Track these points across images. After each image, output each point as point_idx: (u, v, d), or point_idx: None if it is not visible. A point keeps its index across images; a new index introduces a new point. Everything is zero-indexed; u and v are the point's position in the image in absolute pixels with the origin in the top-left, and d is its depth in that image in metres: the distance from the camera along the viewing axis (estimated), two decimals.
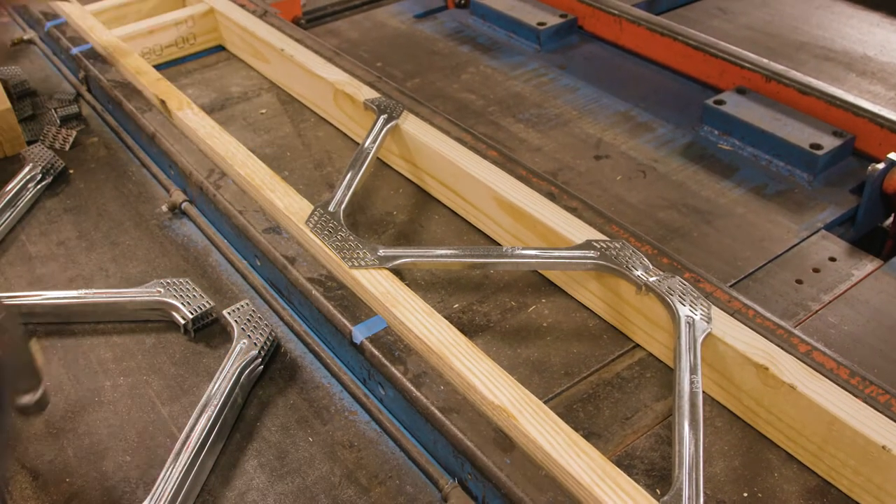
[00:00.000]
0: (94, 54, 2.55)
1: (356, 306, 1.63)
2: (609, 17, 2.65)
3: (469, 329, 1.71)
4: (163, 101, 2.24)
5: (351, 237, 1.73)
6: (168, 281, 1.79)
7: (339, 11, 3.02)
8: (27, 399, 1.63)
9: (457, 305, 1.77)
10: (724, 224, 2.01)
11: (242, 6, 2.67)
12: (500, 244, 1.92)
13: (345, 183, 1.88)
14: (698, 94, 2.45)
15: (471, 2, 2.89)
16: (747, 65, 2.36)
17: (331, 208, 1.81)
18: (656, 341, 1.65)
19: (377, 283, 1.63)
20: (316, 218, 1.78)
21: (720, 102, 2.28)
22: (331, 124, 2.34)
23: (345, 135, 2.30)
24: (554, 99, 2.45)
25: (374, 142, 2.00)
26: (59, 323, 1.80)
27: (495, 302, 1.78)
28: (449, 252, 1.70)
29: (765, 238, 1.97)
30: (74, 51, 2.57)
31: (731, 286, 1.79)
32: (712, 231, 1.99)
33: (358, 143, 2.25)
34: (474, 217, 1.96)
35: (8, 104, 2.31)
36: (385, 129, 2.04)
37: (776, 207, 2.06)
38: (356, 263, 1.67)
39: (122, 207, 2.12)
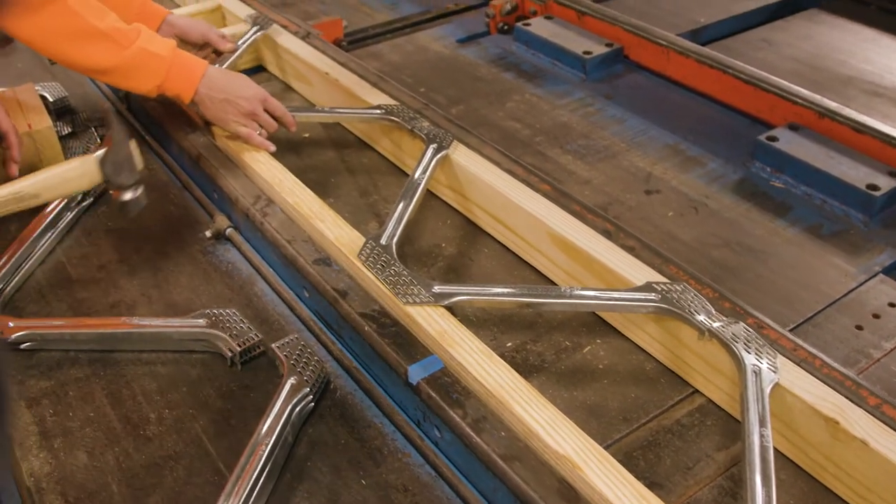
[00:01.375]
0: None
1: (411, 345, 1.58)
2: (656, 48, 2.61)
3: (523, 369, 1.66)
4: (207, 123, 2.20)
5: (404, 272, 1.69)
6: (215, 311, 1.75)
7: (380, 34, 2.98)
8: (128, 195, 1.82)
9: (510, 344, 1.73)
10: (779, 265, 1.96)
11: (284, 27, 2.64)
12: (552, 281, 1.87)
13: (396, 215, 1.83)
14: (747, 128, 2.41)
15: (514, 28, 2.85)
16: (799, 100, 2.32)
17: (383, 241, 1.77)
18: (717, 388, 1.60)
19: (433, 322, 1.59)
20: (368, 251, 1.74)
21: (773, 139, 2.24)
22: (374, 150, 2.31)
23: (390, 161, 2.26)
24: (601, 130, 2.41)
25: (424, 172, 1.96)
26: (102, 351, 1.76)
27: (549, 342, 1.74)
28: (506, 291, 1.66)
29: (821, 281, 1.92)
30: None
31: (790, 330, 1.74)
32: (767, 272, 1.95)
33: (403, 170, 2.22)
34: (525, 252, 1.92)
35: (49, 122, 2.28)
36: (435, 160, 2.00)
37: (832, 249, 2.01)
38: (410, 300, 1.63)
39: (163, 231, 2.08)
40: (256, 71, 2.70)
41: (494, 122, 2.44)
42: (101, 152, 1.82)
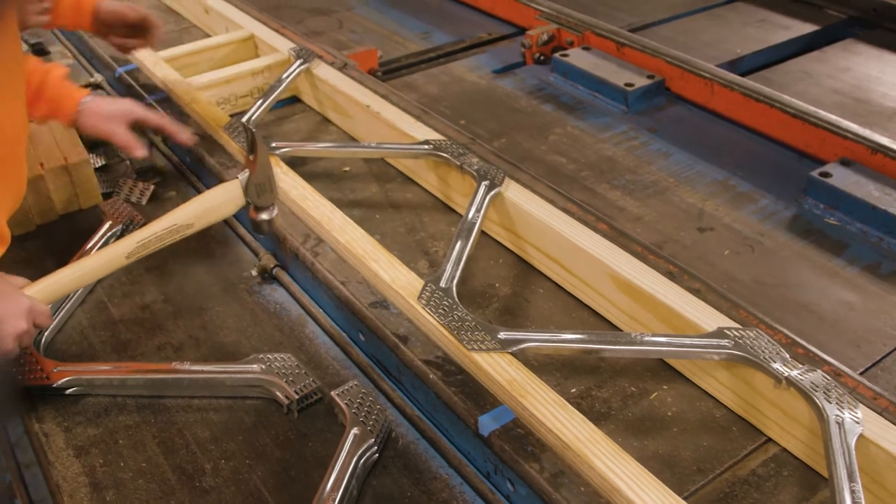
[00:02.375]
0: (169, 103, 2.47)
1: (479, 394, 1.53)
2: (699, 80, 2.57)
3: (590, 417, 1.58)
4: (247, 157, 2.15)
5: (468, 317, 1.63)
6: (269, 356, 1.69)
7: (414, 64, 2.94)
8: (264, 216, 1.80)
9: (574, 390, 1.67)
10: (841, 306, 1.91)
11: (320, 57, 2.59)
12: (612, 323, 1.82)
13: (454, 256, 1.78)
14: (796, 163, 2.37)
15: (552, 59, 2.81)
16: (850, 135, 2.28)
17: (442, 284, 1.71)
18: (793, 437, 1.55)
19: (501, 370, 1.53)
20: (428, 294, 1.68)
21: (826, 175, 2.19)
22: (418, 185, 2.25)
23: (435, 197, 2.20)
24: (648, 165, 2.36)
25: (478, 211, 1.91)
26: (151, 396, 1.70)
27: (614, 387, 1.68)
28: (575, 337, 1.60)
29: (886, 322, 1.87)
30: (149, 99, 2.49)
31: (860, 374, 1.69)
32: (828, 313, 1.89)
33: (449, 206, 2.17)
34: (583, 293, 1.87)
35: (85, 155, 2.23)
36: (488, 198, 1.95)
37: (892, 288, 1.96)
38: (476, 346, 1.57)
39: (207, 269, 2.03)
40: (291, 102, 2.65)
41: (538, 157, 2.39)
42: (244, 176, 1.78)
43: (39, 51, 3.00)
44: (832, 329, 1.85)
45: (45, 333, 1.83)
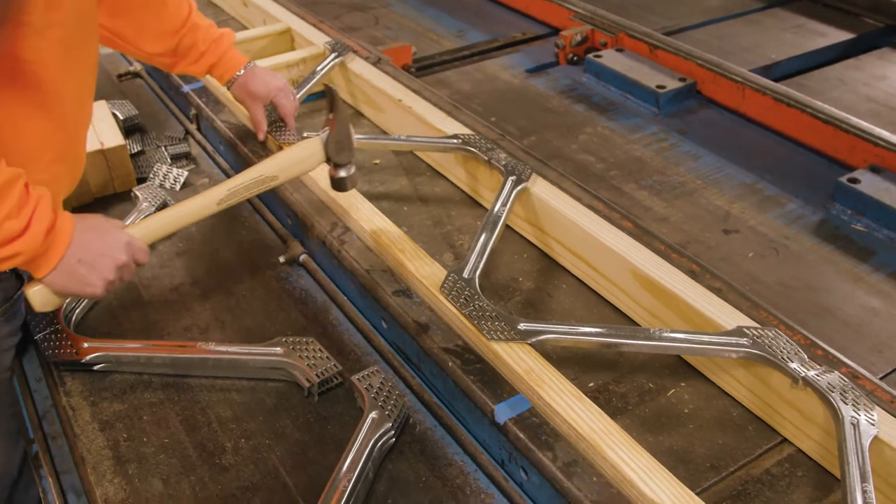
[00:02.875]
0: (205, 93, 2.51)
1: (496, 382, 1.55)
2: (731, 84, 2.57)
3: (607, 411, 1.59)
4: (281, 148, 2.19)
5: (488, 307, 1.65)
6: (293, 339, 1.72)
7: (448, 61, 2.97)
8: (343, 173, 1.84)
9: (592, 384, 1.68)
10: (865, 311, 1.91)
11: (355, 52, 2.62)
12: (633, 319, 1.83)
13: (477, 248, 1.80)
14: (826, 168, 2.36)
15: (585, 60, 2.82)
16: (881, 142, 2.27)
17: (465, 274, 1.73)
18: (808, 437, 1.55)
19: (519, 360, 1.55)
20: (450, 284, 1.71)
21: (854, 181, 2.19)
22: (447, 179, 2.28)
23: (463, 192, 2.23)
24: (676, 166, 2.37)
25: (504, 205, 1.93)
26: (176, 375, 1.74)
27: (632, 383, 1.69)
28: (594, 331, 1.61)
29: None
30: (186, 88, 2.54)
31: (880, 379, 1.68)
32: (852, 318, 1.89)
33: (476, 201, 2.19)
34: (605, 289, 1.88)
35: (122, 140, 2.28)
36: (515, 193, 1.97)
37: None
38: (495, 336, 1.59)
39: (235, 254, 2.07)
40: (323, 95, 2.68)
41: (568, 155, 2.41)
42: (325, 133, 1.82)
43: None
44: (855, 334, 1.85)
45: (77, 310, 1.87)
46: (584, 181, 2.19)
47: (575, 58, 2.91)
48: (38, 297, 1.55)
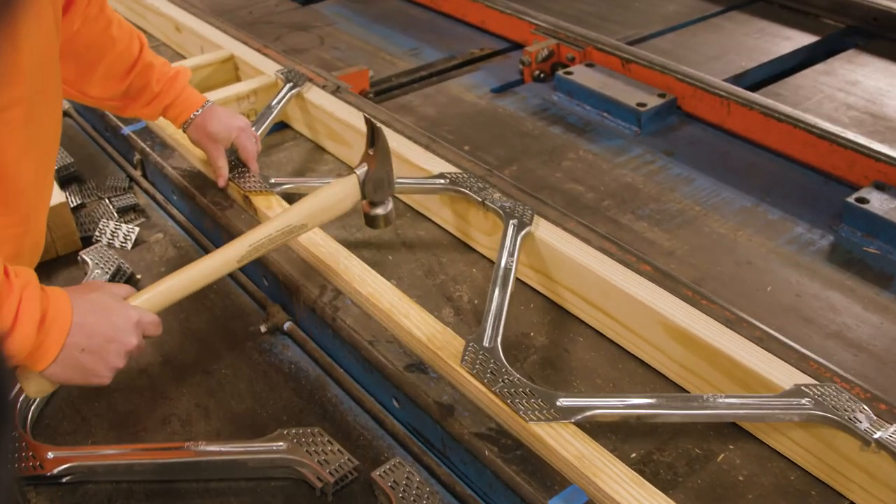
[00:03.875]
0: (149, 135, 2.26)
1: (544, 472, 1.36)
2: (714, 99, 2.43)
3: (656, 485, 1.44)
4: (246, 198, 1.96)
5: (521, 381, 1.46)
6: (295, 431, 1.50)
7: (406, 83, 2.76)
8: (379, 210, 1.73)
9: (634, 455, 1.52)
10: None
11: (310, 80, 2.40)
12: (662, 374, 1.67)
13: (493, 311, 1.61)
14: (824, 186, 2.25)
15: (555, 77, 2.65)
16: (882, 157, 2.16)
17: (486, 343, 1.54)
18: (880, 501, 1.41)
19: (566, 444, 1.37)
20: (471, 356, 1.51)
21: (862, 201, 2.07)
22: (430, 220, 2.08)
23: (449, 234, 2.03)
24: (671, 192, 2.22)
25: (511, 255, 1.74)
26: (163, 481, 1.50)
27: (677, 450, 1.53)
28: (642, 402, 1.45)
29: None
30: (126, 130, 2.28)
31: None
32: (886, 352, 1.77)
33: (467, 244, 2.00)
34: (629, 341, 1.71)
35: (62, 196, 2.01)
36: (519, 239, 1.79)
37: None
38: (534, 416, 1.41)
39: (207, 324, 1.83)
40: (278, 128, 2.45)
41: (555, 185, 2.23)
42: (362, 170, 1.70)
43: None
44: (894, 371, 1.73)
45: (32, 408, 1.62)
46: (578, 214, 2.02)
47: (542, 75, 2.74)
48: (34, 385, 1.35)
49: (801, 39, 3.02)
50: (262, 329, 1.78)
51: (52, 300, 1.27)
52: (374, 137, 1.69)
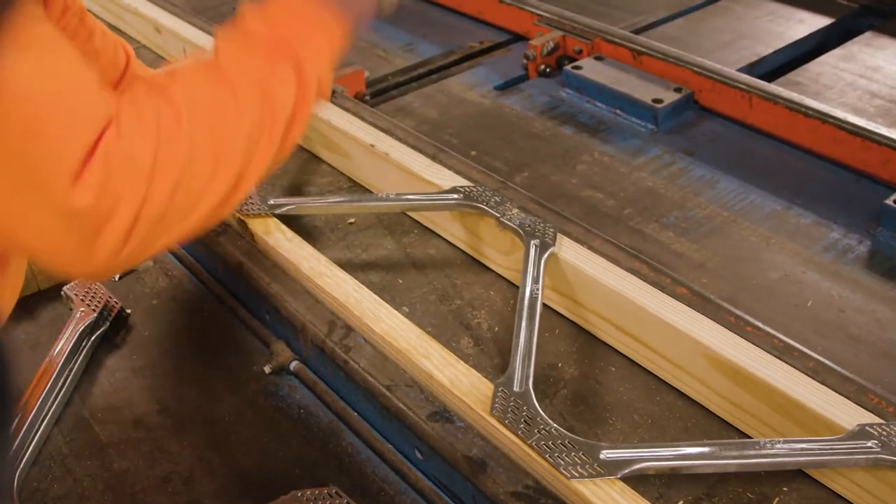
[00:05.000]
0: None
1: None
2: (734, 92, 2.29)
3: None
4: (242, 222, 1.80)
5: (557, 432, 1.33)
6: (310, 493, 1.36)
7: (404, 83, 2.60)
8: None
9: (681, 503, 1.38)
10: None
11: None
12: (705, 407, 1.54)
13: (521, 347, 1.47)
14: (856, 185, 2.11)
15: (563, 72, 2.50)
16: None
17: (516, 387, 1.40)
18: None
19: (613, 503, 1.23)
20: (502, 403, 1.37)
21: None
22: (440, 237, 1.93)
23: (461, 251, 1.89)
24: (695, 196, 2.08)
25: (536, 282, 1.60)
26: None
27: (727, 496, 1.40)
28: (694, 452, 1.32)
29: None
30: None
31: None
32: None
33: (481, 263, 1.85)
34: (667, 372, 1.58)
35: None
36: (543, 261, 1.64)
37: None
38: (576, 472, 1.27)
39: (206, 366, 1.69)
40: None
41: (571, 193, 2.09)
42: None
43: None
44: None
45: (20, 468, 1.47)
46: (598, 225, 1.89)
47: (547, 69, 2.58)
48: None
49: (814, 22, 2.87)
50: (267, 370, 1.63)
51: None
52: None
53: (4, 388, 1.17)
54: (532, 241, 1.68)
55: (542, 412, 1.36)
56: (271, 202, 1.84)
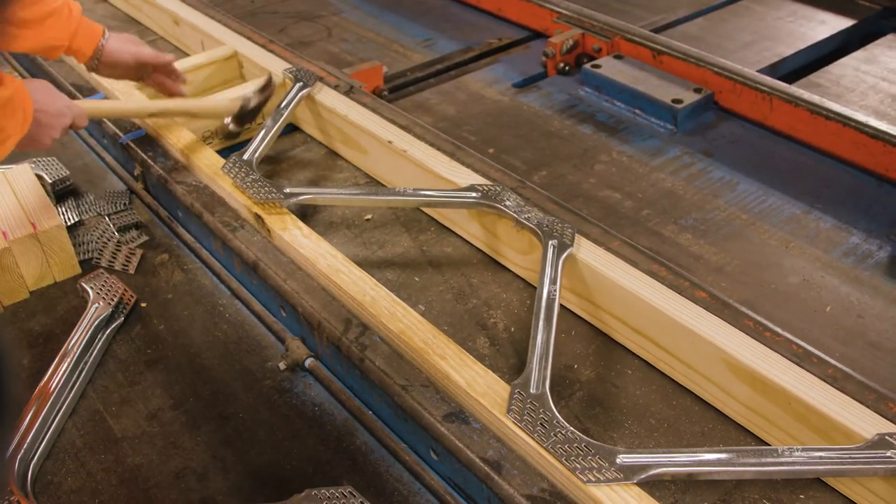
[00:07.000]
0: (149, 143, 2.09)
1: None
2: (755, 94, 2.27)
3: None
4: (258, 217, 1.80)
5: (574, 436, 1.32)
6: (325, 492, 1.36)
7: (422, 79, 2.59)
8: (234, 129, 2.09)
9: None
10: None
11: (321, 79, 2.23)
12: (724, 413, 1.52)
13: (538, 349, 1.46)
14: (877, 189, 2.09)
15: (582, 70, 2.48)
16: None
17: (533, 389, 1.39)
18: None
19: None
20: (518, 405, 1.36)
21: None
22: (457, 235, 1.92)
23: (479, 250, 1.88)
24: (714, 198, 2.06)
25: (554, 283, 1.58)
26: None
27: (743, 502, 1.39)
28: (711, 458, 1.30)
29: None
30: (125, 139, 2.11)
31: None
32: None
33: (497, 262, 1.85)
34: (685, 376, 1.57)
35: (58, 219, 1.85)
36: (561, 262, 1.63)
37: None
38: (593, 477, 1.26)
39: (221, 360, 1.68)
40: (287, 131, 2.28)
41: (589, 193, 2.07)
42: (246, 101, 2.06)
43: None
44: None
45: (34, 460, 1.47)
46: (616, 226, 1.88)
47: (566, 67, 2.56)
48: None
49: (836, 23, 2.85)
50: (282, 366, 1.63)
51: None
52: (266, 88, 2.08)
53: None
54: (550, 242, 1.67)
55: (558, 415, 1.35)
56: (287, 190, 1.83)
